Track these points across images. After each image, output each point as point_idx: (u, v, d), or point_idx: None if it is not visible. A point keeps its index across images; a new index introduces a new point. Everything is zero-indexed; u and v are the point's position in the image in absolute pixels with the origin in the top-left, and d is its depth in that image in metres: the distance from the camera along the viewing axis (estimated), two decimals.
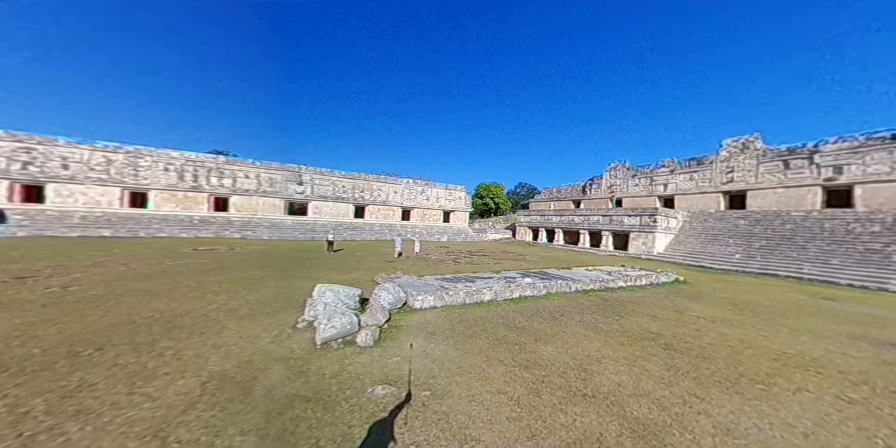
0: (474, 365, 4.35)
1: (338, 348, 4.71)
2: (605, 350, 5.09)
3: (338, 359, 4.37)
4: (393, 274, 10.17)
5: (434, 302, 7.16)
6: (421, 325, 5.94)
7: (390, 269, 11.89)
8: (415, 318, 6.35)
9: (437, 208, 39.66)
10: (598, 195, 38.00)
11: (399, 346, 4.85)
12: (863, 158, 20.31)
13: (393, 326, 5.76)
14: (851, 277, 14.17)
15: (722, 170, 27.15)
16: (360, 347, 4.78)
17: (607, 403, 3.53)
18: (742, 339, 5.93)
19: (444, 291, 7.53)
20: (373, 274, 10.79)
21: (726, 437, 3.04)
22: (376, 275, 10.30)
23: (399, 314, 6.49)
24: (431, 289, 7.84)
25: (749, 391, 3.95)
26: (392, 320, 6.05)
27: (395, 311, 6.59)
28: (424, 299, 7.06)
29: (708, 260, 19.62)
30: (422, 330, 5.66)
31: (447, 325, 5.96)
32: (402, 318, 6.30)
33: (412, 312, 6.69)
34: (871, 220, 18.09)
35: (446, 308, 7.11)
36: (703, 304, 8.94)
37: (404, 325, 5.86)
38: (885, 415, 3.56)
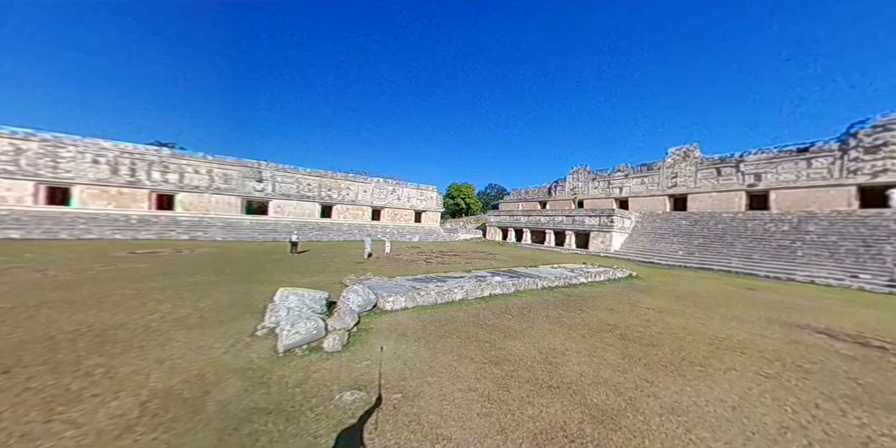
0: (446, 364, 4.37)
1: (303, 355, 4.47)
2: (568, 343, 5.39)
3: (302, 366, 4.14)
4: (362, 275, 9.87)
5: (405, 303, 7.07)
6: (392, 326, 5.84)
7: (359, 271, 11.53)
8: (385, 320, 6.23)
9: (409, 208, 39.27)
10: (563, 197, 40.21)
11: (369, 350, 4.73)
12: (776, 168, 23.78)
13: (363, 330, 5.60)
14: (768, 270, 16.51)
15: (667, 175, 30.16)
16: (327, 353, 4.57)
17: (570, 393, 3.74)
18: (684, 327, 6.64)
19: (415, 292, 7.47)
20: (341, 276, 10.39)
21: (671, 415, 3.38)
22: (345, 277, 9.93)
23: (369, 317, 6.32)
24: (402, 290, 7.74)
25: (689, 373, 4.43)
26: (362, 323, 5.88)
27: (365, 314, 6.41)
28: (395, 301, 6.95)
29: (656, 256, 21.67)
30: (393, 332, 5.56)
31: (419, 326, 5.92)
32: (372, 320, 6.14)
33: (383, 314, 6.55)
34: (782, 220, 21.24)
35: (418, 309, 7.06)
36: (652, 296, 9.85)
37: (374, 328, 5.72)
38: (792, 386, 4.20)
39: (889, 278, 13.42)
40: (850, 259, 15.98)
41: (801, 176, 22.62)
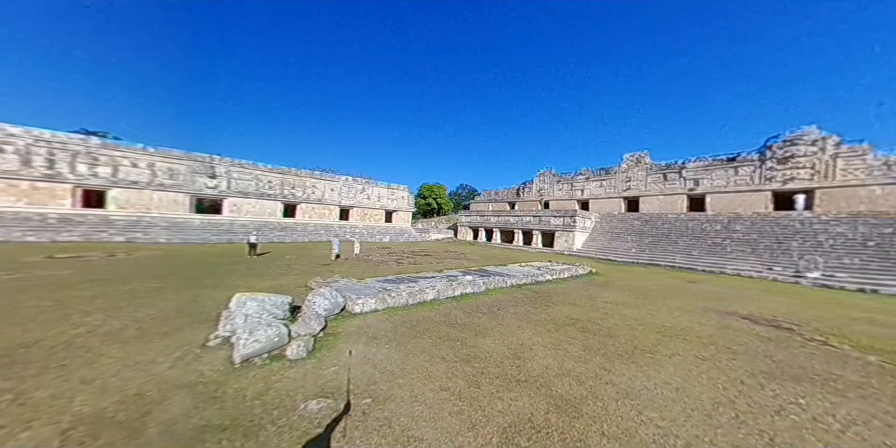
0: (417, 365, 4.35)
1: (263, 364, 4.17)
2: (535, 338, 5.64)
3: (262, 376, 3.86)
4: (329, 278, 9.47)
5: (375, 305, 6.91)
6: (361, 329, 5.67)
7: (326, 273, 11.04)
8: (354, 323, 6.03)
9: (379, 208, 38.39)
10: (530, 198, 41.92)
11: (337, 355, 4.54)
12: (711, 174, 26.93)
13: (330, 334, 5.36)
14: (704, 264, 18.65)
15: (622, 179, 32.78)
16: (290, 361, 4.31)
17: (537, 385, 3.92)
18: (636, 318, 7.26)
19: (385, 293, 7.33)
20: (306, 279, 9.87)
21: (626, 400, 3.68)
22: (310, 279, 9.44)
23: (337, 320, 6.08)
24: (372, 291, 7.55)
25: (641, 360, 4.86)
26: (329, 328, 5.63)
27: (333, 318, 6.15)
28: (365, 303, 6.76)
29: (613, 254, 23.46)
30: (362, 335, 5.40)
31: (389, 328, 5.82)
32: (340, 324, 5.91)
33: (351, 317, 6.34)
34: (716, 220, 24.12)
35: (388, 310, 6.93)
36: (609, 291, 10.64)
37: (343, 332, 5.51)
38: (723, 366, 4.79)
39: (795, 270, 15.85)
40: (767, 254, 18.62)
41: (730, 182, 25.87)
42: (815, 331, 6.86)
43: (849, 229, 18.49)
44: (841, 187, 21.28)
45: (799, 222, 20.60)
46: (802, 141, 22.64)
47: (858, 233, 17.97)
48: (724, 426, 3.25)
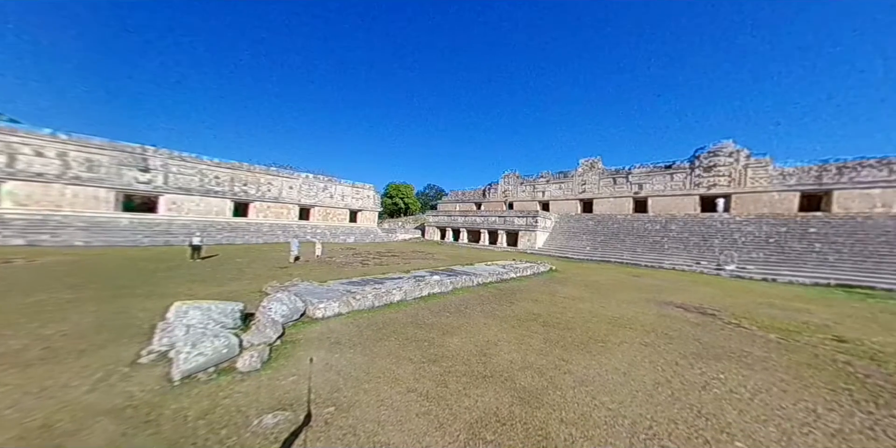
0: (384, 368, 4.25)
1: (208, 380, 3.76)
2: (500, 334, 5.83)
3: (208, 393, 3.49)
4: (288, 281, 8.86)
5: (339, 308, 6.62)
6: (323, 335, 5.39)
7: (284, 277, 10.31)
8: (316, 328, 5.71)
9: (343, 207, 36.83)
10: (495, 199, 43.25)
11: (296, 364, 4.27)
12: (652, 180, 30.14)
13: (288, 342, 5.02)
14: (647, 260, 20.82)
15: (578, 182, 35.30)
16: (242, 373, 3.95)
17: (502, 379, 4.06)
18: (590, 311, 7.87)
19: (350, 296, 7.05)
20: (260, 283, 9.11)
21: (582, 387, 3.97)
22: (265, 284, 8.74)
23: (296, 327, 5.70)
24: (336, 294, 7.22)
25: (594, 349, 5.28)
26: (287, 335, 5.26)
27: (291, 324, 5.77)
28: (328, 307, 6.44)
29: (570, 252, 25.16)
30: (324, 340, 5.14)
31: (354, 332, 5.61)
32: (299, 330, 5.56)
33: (313, 323, 6.00)
34: (655, 221, 27.05)
35: (353, 313, 6.68)
36: (567, 286, 11.39)
37: (303, 339, 5.19)
38: (661, 350, 5.39)
39: (716, 264, 18.39)
40: (696, 250, 21.36)
41: (667, 187, 29.22)
42: (732, 315, 8.03)
43: (756, 228, 21.93)
44: (750, 193, 25.18)
45: (719, 222, 23.93)
46: (722, 153, 26.37)
47: (762, 231, 21.41)
48: (663, 403, 3.67)
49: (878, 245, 17.34)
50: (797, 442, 3.07)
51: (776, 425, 3.33)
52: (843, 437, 3.18)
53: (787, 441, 3.07)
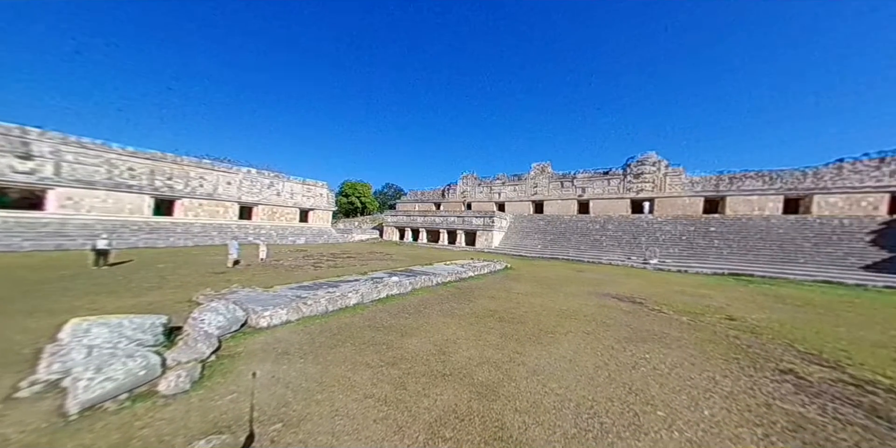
0: (338, 376, 4.04)
1: (120, 409, 3.18)
2: (459, 332, 5.95)
3: (120, 425, 2.95)
4: (226, 289, 7.90)
5: (288, 316, 6.11)
6: (269, 346, 4.93)
7: (221, 283, 9.19)
8: (260, 339, 5.19)
9: (293, 206, 34.06)
10: (454, 199, 43.97)
11: (235, 380, 3.83)
12: (593, 184, 33.48)
13: (226, 356, 4.48)
14: (589, 256, 23.05)
15: (531, 185, 37.66)
16: (166, 397, 3.42)
17: (461, 376, 4.14)
18: (542, 305, 8.45)
19: (300, 301, 6.56)
20: (190, 292, 7.98)
21: (534, 376, 4.24)
22: (196, 292, 7.68)
23: (236, 339, 5.12)
24: (284, 301, 6.65)
25: (545, 340, 5.68)
26: (224, 349, 4.70)
27: (230, 337, 5.16)
28: (274, 314, 5.90)
29: (524, 250, 26.72)
30: (270, 352, 4.70)
31: (305, 340, 5.23)
32: (240, 343, 5.00)
33: (256, 333, 5.44)
34: (595, 221, 30.10)
35: (304, 320, 6.23)
36: (521, 283, 12.07)
37: (244, 352, 4.68)
38: (600, 336, 6.02)
39: (643, 258, 21.15)
40: (628, 247, 24.30)
41: (605, 190, 32.73)
42: (655, 303, 9.31)
43: (672, 228, 25.73)
44: (669, 197, 29.46)
45: (646, 223, 27.55)
46: (647, 162, 30.42)
47: (677, 230, 25.20)
48: (602, 384, 4.10)
49: (755, 241, 21.65)
50: (702, 405, 3.68)
51: (687, 393, 3.95)
52: (733, 397, 3.90)
53: (695, 406, 3.67)
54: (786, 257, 19.33)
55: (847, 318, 8.33)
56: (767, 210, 25.45)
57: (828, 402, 3.87)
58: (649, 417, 3.39)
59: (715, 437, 3.09)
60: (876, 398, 4.03)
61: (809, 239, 20.50)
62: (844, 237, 19.81)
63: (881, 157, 22.58)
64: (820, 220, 22.05)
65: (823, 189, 23.82)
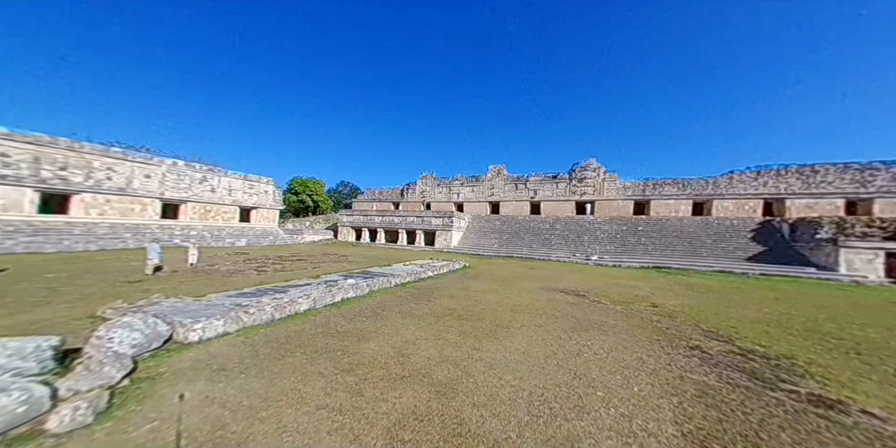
0: (287, 389, 3.72)
1: None
2: (419, 332, 5.91)
3: None
4: (144, 300, 6.75)
5: (225, 327, 5.44)
6: (201, 362, 4.34)
7: (137, 294, 7.83)
8: (189, 355, 4.54)
9: (231, 203, 30.46)
10: (414, 199, 43.61)
11: (156, 406, 3.29)
12: (543, 187, 35.98)
13: (144, 379, 3.83)
14: (540, 254, 24.73)
15: (488, 186, 39.10)
16: (57, 436, 2.79)
17: (420, 377, 4.12)
18: (498, 301, 8.83)
19: (241, 310, 5.90)
20: (94, 305, 6.65)
21: (491, 370, 4.41)
22: (103, 306, 6.42)
23: (157, 358, 4.40)
24: (220, 310, 5.91)
25: (501, 335, 5.95)
26: (142, 370, 4.01)
27: (149, 356, 4.42)
28: (208, 326, 5.21)
29: (482, 249, 27.62)
30: (203, 369, 4.14)
31: (247, 352, 4.72)
32: (162, 362, 4.31)
33: (184, 349, 4.75)
34: (545, 221, 32.42)
35: (246, 331, 5.61)
36: (478, 281, 12.46)
37: (168, 372, 4.04)
38: (550, 328, 6.50)
39: (586, 255, 23.39)
40: (573, 245, 26.62)
41: (554, 193, 35.44)
42: (595, 295, 10.35)
43: (609, 227, 28.89)
44: (606, 200, 33.01)
45: (588, 223, 30.49)
46: (589, 168, 33.72)
47: (613, 229, 28.38)
48: (551, 372, 4.43)
49: (671, 238, 25.40)
50: (632, 382, 4.20)
51: (621, 374, 4.47)
52: (657, 374, 4.53)
53: (627, 384, 4.17)
54: (694, 252, 23.06)
55: (735, 301, 10.24)
56: (681, 212, 30.06)
57: (723, 370, 4.71)
58: (591, 398, 3.76)
59: (642, 410, 3.55)
60: (755, 364, 5.02)
61: (710, 236, 24.73)
62: (734, 235, 24.31)
63: (758, 170, 28.29)
64: (717, 221, 26.75)
65: (720, 195, 28.97)
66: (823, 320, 8.10)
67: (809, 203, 26.12)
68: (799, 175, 26.93)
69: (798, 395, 4.03)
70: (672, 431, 3.18)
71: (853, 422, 3.47)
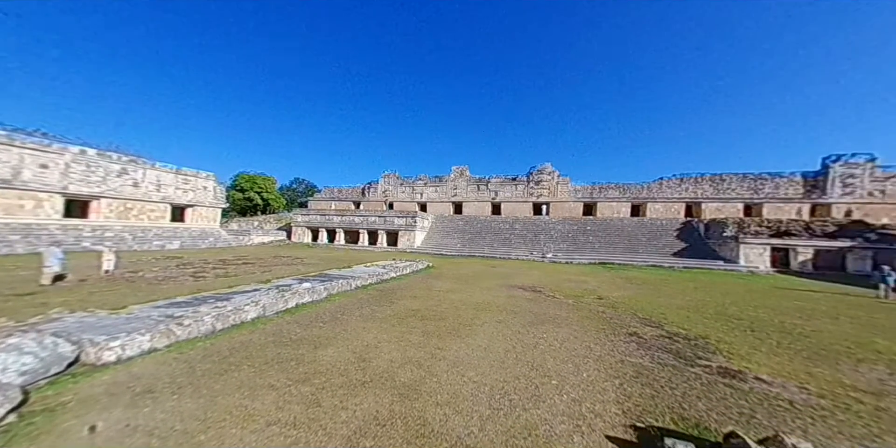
0: (231, 406, 3.36)
1: None
2: (381, 335, 5.76)
3: None
4: (40, 315, 5.56)
5: (152, 342, 4.74)
6: (121, 385, 3.71)
7: (28, 309, 6.43)
8: (104, 379, 3.86)
9: (160, 200, 26.58)
10: (376, 198, 42.39)
11: (56, 443, 2.74)
12: (504, 188, 37.47)
13: (40, 411, 3.16)
14: (501, 253, 25.71)
15: (451, 187, 39.57)
16: None
17: (382, 381, 4.02)
18: (461, 300, 8.98)
19: (172, 323, 5.18)
20: None
21: (454, 368, 4.46)
22: None
23: (59, 385, 3.67)
24: (146, 324, 5.13)
25: (464, 333, 6.06)
26: (36, 401, 3.31)
27: (48, 383, 3.66)
28: (128, 343, 4.48)
29: (445, 249, 27.85)
30: (122, 393, 3.55)
31: (181, 370, 4.16)
32: (66, 389, 3.61)
33: (97, 372, 4.02)
34: (506, 221, 33.83)
35: (179, 345, 4.94)
36: (442, 280, 12.54)
37: (74, 400, 3.39)
38: (510, 323, 6.79)
39: (542, 253, 24.91)
40: (531, 244, 28.16)
41: (514, 195, 37.13)
42: (550, 290, 11.08)
43: (563, 227, 31.14)
44: (560, 202, 35.51)
45: (544, 223, 32.52)
46: (545, 171, 35.99)
47: (566, 229, 30.64)
48: (510, 366, 4.63)
49: (614, 237, 28.25)
50: (582, 369, 4.58)
51: (573, 362, 4.85)
52: (603, 360, 4.99)
53: (578, 371, 4.54)
54: (632, 249, 25.93)
55: (664, 291, 11.75)
56: (622, 213, 33.57)
57: (655, 352, 5.37)
58: (546, 387, 4.02)
59: (590, 393, 3.90)
60: (679, 345, 5.81)
61: (645, 235, 28.02)
62: (663, 233, 27.85)
63: (681, 177, 32.84)
64: (651, 221, 30.41)
65: (652, 199, 32.98)
66: (728, 304, 9.69)
67: (719, 206, 31.00)
68: (711, 182, 31.84)
69: (710, 368, 4.76)
70: (615, 410, 3.53)
71: (749, 387, 4.20)
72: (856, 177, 27.49)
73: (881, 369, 5.00)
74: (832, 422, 3.46)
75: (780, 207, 29.23)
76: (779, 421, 3.43)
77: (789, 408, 3.72)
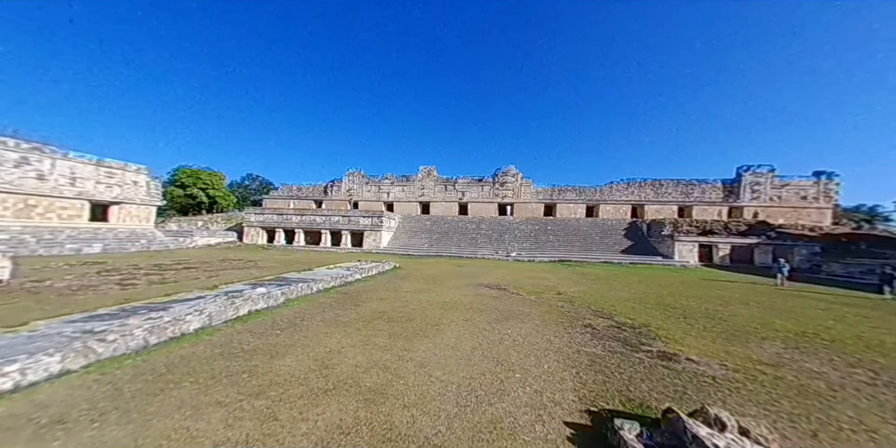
0: (170, 429, 2.98)
1: None
2: (345, 340, 5.52)
3: None
4: None
5: (65, 363, 4.02)
6: (19, 418, 3.10)
7: None
8: None
9: (76, 196, 22.65)
10: (339, 197, 40.61)
11: None
12: (471, 189, 38.19)
13: None
14: (468, 252, 26.16)
15: (419, 186, 39.35)
16: None
17: (347, 387, 3.86)
18: (428, 300, 8.96)
19: (92, 339, 4.45)
20: None
21: (421, 369, 4.44)
22: None
23: None
24: (55, 342, 4.34)
25: (431, 333, 6.05)
26: None
27: None
28: (32, 366, 3.75)
29: (412, 249, 27.58)
30: (22, 427, 2.96)
31: (103, 393, 3.59)
32: None
33: None
34: (472, 222, 34.52)
35: (102, 365, 4.26)
36: (409, 281, 12.41)
37: None
38: (476, 321, 6.94)
39: (506, 252, 25.84)
40: (496, 243, 29.05)
41: (480, 195, 38.03)
42: (514, 287, 11.53)
43: (526, 227, 32.61)
44: (524, 203, 37.15)
45: (508, 223, 33.76)
46: (509, 174, 37.40)
47: (529, 229, 32.14)
48: (477, 362, 4.74)
49: (572, 236, 30.31)
50: (543, 361, 4.84)
51: (534, 355, 5.10)
52: (561, 351, 5.32)
53: (539, 363, 4.79)
54: (587, 247, 28.03)
55: (614, 285, 12.88)
56: (578, 214, 36.14)
57: (606, 342, 5.86)
58: (510, 381, 4.17)
59: (550, 384, 4.13)
60: (626, 333, 6.41)
61: (598, 234, 30.47)
62: (613, 233, 30.53)
63: (628, 182, 36.34)
64: (603, 222, 33.15)
65: (604, 200, 36.00)
66: (666, 295, 10.92)
67: (659, 208, 34.81)
68: (652, 187, 35.68)
69: (651, 353, 5.33)
70: (572, 398, 3.79)
71: (682, 367, 4.77)
72: (761, 184, 32.73)
73: (778, 345, 6.00)
74: (744, 392, 4.07)
75: (705, 209, 33.70)
76: (704, 395, 3.95)
77: (712, 383, 4.30)
